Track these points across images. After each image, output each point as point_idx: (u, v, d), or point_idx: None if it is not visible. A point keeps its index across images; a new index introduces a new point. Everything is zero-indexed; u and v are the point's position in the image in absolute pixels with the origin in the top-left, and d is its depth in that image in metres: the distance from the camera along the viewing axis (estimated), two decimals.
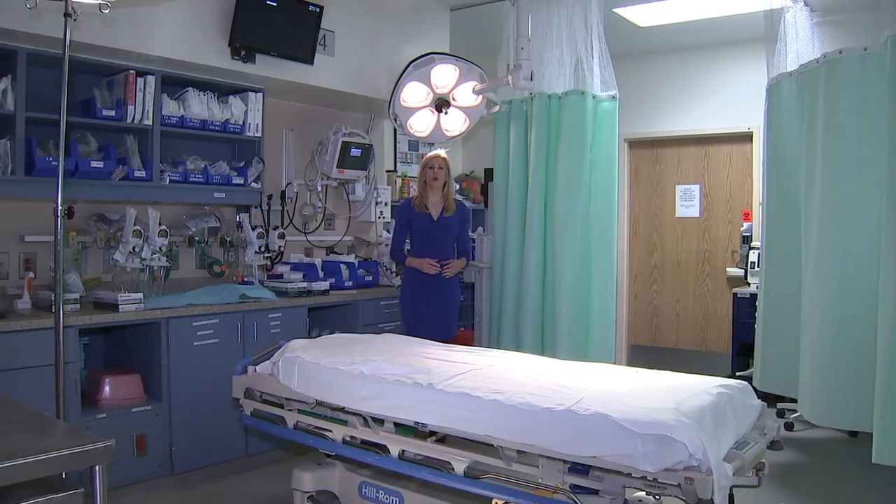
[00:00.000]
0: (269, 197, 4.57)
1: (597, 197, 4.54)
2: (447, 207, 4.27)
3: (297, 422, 2.95)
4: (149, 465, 3.49)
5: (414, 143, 6.11)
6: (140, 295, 3.50)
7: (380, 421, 2.69)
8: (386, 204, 5.17)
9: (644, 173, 6.42)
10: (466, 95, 4.61)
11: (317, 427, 2.87)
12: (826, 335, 3.45)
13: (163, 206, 4.06)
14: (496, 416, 2.34)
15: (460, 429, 2.43)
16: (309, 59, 4.08)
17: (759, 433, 2.57)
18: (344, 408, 2.77)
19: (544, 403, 2.28)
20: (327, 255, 4.95)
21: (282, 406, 3.07)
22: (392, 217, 5.35)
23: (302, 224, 4.80)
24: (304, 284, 4.23)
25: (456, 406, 2.44)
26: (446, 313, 4.32)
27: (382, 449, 2.66)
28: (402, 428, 2.66)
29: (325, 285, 4.33)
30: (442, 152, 4.34)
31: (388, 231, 5.30)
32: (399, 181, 5.70)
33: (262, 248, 4.26)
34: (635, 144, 6.43)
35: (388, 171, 5.60)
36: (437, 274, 4.19)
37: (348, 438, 2.76)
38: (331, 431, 2.82)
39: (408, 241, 4.37)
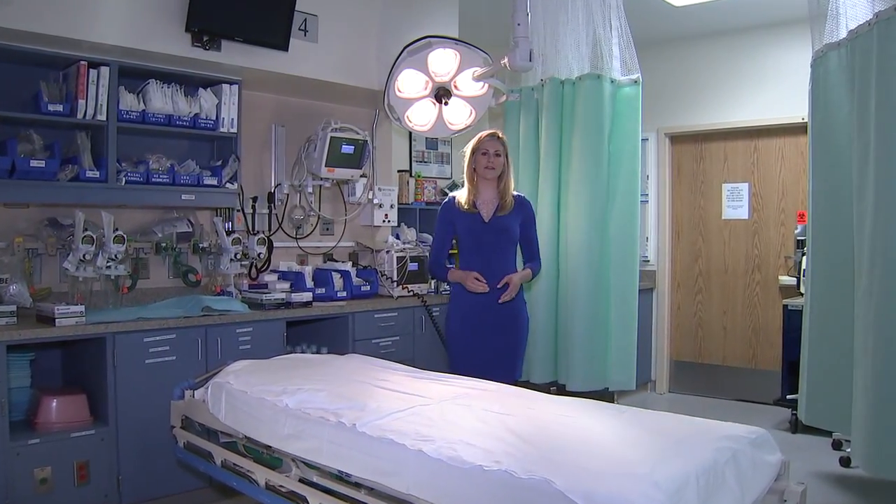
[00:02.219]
0: (255, 199, 4.19)
1: (617, 196, 3.98)
2: (503, 205, 3.45)
3: (225, 459, 2.53)
4: (92, 495, 3.14)
5: (432, 141, 5.66)
6: (81, 307, 3.15)
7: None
8: (392, 206, 4.72)
9: (687, 171, 5.77)
10: (470, 84, 4.12)
11: (240, 467, 2.44)
12: (882, 363, 2.80)
13: (130, 209, 3.75)
14: (421, 471, 1.85)
15: (384, 483, 1.95)
16: (283, 46, 3.67)
17: (778, 499, 2.00)
18: (270, 447, 2.34)
19: (478, 459, 1.77)
20: (324, 262, 4.54)
21: (217, 438, 2.67)
22: (400, 221, 4.92)
23: (293, 229, 4.41)
24: (282, 295, 3.82)
25: (379, 454, 1.97)
26: (511, 349, 3.46)
27: (304, 500, 2.20)
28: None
29: (307, 296, 3.91)
30: (499, 131, 3.56)
31: (395, 237, 4.86)
32: (412, 182, 5.25)
33: (239, 255, 3.87)
34: (677, 139, 5.79)
35: (399, 172, 5.16)
36: (488, 292, 3.38)
37: (272, 484, 2.32)
38: (254, 473, 2.38)
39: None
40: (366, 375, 2.68)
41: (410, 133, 5.29)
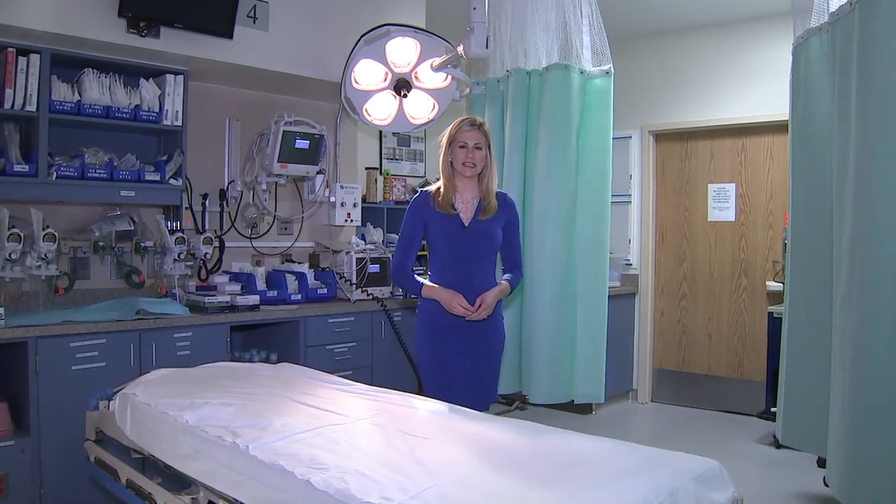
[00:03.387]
0: (205, 196, 3.98)
1: (586, 195, 3.73)
2: (486, 207, 2.93)
3: (129, 479, 2.32)
4: None
5: (405, 138, 5.43)
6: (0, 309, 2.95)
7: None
8: (355, 205, 4.50)
9: (672, 170, 5.53)
10: (432, 75, 3.90)
11: (143, 488, 2.23)
12: (859, 382, 2.55)
13: (69, 206, 3.55)
14: (308, 503, 1.63)
15: None
16: (227, 33, 3.46)
17: None
18: (172, 467, 2.12)
19: (367, 493, 1.55)
20: (282, 263, 4.33)
21: (129, 454, 2.45)
22: (366, 221, 4.71)
23: (248, 228, 4.19)
24: (227, 298, 3.61)
25: (268, 482, 1.74)
26: (486, 369, 2.99)
27: None
28: None
29: (253, 299, 3.69)
30: (479, 118, 3.00)
31: (361, 237, 4.64)
32: (381, 180, 5.02)
33: (183, 255, 3.65)
34: (662, 137, 5.54)
35: (368, 169, 4.93)
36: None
37: None
38: (154, 496, 2.16)
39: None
40: (290, 388, 2.46)
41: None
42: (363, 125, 4.64)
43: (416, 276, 3.00)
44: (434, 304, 2.92)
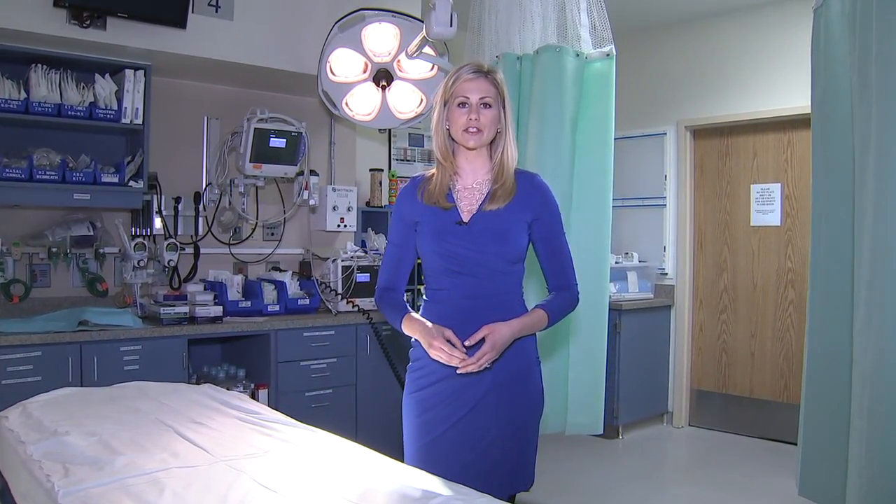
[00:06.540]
0: (177, 200, 3.74)
1: (583, 196, 3.25)
2: (498, 191, 1.96)
3: None
4: None
5: (417, 138, 5.09)
6: None
7: None
8: (349, 209, 4.19)
9: (711, 170, 4.96)
10: (415, 64, 3.56)
11: None
12: (880, 430, 2.04)
13: (24, 210, 3.38)
14: None
15: None
16: (179, 22, 3.20)
17: None
18: None
19: None
20: (268, 271, 4.05)
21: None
22: (367, 227, 4.39)
23: (225, 233, 3.93)
24: (185, 309, 3.35)
25: None
26: (513, 449, 1.96)
27: None
28: None
29: (215, 310, 3.42)
30: (486, 64, 2.04)
31: (361, 244, 4.32)
32: (386, 182, 4.70)
33: (143, 263, 3.42)
34: (700, 133, 4.99)
35: (372, 171, 4.61)
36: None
37: None
38: None
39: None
40: (184, 415, 2.14)
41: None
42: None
43: (406, 303, 2.05)
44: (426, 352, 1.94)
